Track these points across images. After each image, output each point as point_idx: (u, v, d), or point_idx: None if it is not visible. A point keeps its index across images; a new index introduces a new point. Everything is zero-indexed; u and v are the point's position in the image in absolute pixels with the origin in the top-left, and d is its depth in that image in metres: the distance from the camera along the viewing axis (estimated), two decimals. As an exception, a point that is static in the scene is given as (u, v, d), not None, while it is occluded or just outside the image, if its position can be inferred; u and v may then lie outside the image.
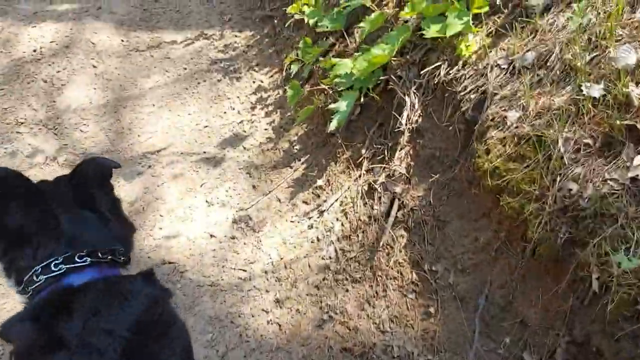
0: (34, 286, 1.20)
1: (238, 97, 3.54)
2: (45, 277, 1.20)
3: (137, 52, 3.97)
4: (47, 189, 1.34)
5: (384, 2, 2.77)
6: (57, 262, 1.21)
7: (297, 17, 3.12)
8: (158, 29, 4.20)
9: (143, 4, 4.47)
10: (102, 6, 4.36)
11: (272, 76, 3.60)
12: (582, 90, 1.76)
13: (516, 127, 1.90)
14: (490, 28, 2.28)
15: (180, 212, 2.91)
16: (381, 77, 2.57)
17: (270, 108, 3.37)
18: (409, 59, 2.49)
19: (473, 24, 2.26)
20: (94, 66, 3.78)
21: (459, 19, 2.28)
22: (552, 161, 1.74)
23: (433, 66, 2.34)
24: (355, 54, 2.70)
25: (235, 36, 4.04)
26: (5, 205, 1.26)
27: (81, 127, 3.35)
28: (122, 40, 4.05)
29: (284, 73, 3.43)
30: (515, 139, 1.88)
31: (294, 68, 3.04)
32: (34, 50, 3.91)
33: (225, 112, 3.44)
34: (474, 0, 2.28)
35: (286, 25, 3.48)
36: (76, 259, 1.22)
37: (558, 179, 1.71)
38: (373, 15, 2.61)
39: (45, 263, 1.21)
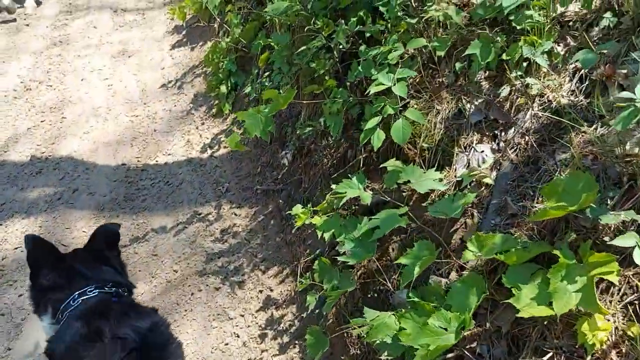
0: (70, 309, 1.65)
1: (242, 315, 2.67)
2: (82, 298, 1.68)
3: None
4: (71, 255, 1.89)
5: (421, 214, 1.91)
6: (91, 289, 1.70)
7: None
8: (144, 210, 3.46)
9: (128, 176, 3.78)
10: (79, 187, 3.69)
11: (283, 280, 2.74)
12: None
13: None
14: (624, 293, 1.36)
15: None
16: (449, 355, 1.66)
17: (286, 338, 2.47)
18: (489, 328, 1.58)
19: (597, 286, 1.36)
20: (63, 283, 3.01)
21: (569, 282, 1.37)
22: None
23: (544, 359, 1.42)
24: (401, 312, 1.82)
25: (235, 214, 3.25)
26: (41, 267, 1.80)
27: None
28: (101, 234, 3.31)
29: (297, 283, 2.57)
30: None
31: (311, 300, 2.17)
32: (-5, 265, 3.20)
33: (227, 344, 2.56)
34: (590, 253, 1.38)
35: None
36: (105, 288, 1.74)
37: None
38: (419, 250, 1.74)
39: (81, 290, 1.70)
